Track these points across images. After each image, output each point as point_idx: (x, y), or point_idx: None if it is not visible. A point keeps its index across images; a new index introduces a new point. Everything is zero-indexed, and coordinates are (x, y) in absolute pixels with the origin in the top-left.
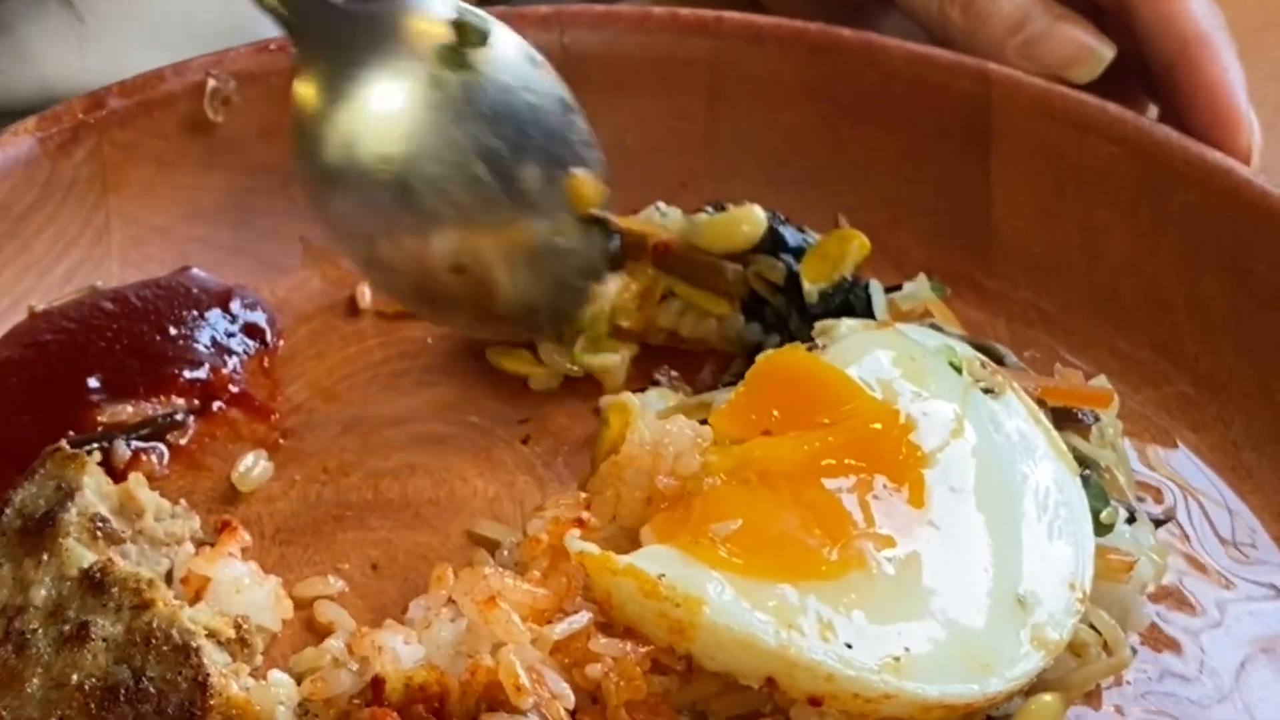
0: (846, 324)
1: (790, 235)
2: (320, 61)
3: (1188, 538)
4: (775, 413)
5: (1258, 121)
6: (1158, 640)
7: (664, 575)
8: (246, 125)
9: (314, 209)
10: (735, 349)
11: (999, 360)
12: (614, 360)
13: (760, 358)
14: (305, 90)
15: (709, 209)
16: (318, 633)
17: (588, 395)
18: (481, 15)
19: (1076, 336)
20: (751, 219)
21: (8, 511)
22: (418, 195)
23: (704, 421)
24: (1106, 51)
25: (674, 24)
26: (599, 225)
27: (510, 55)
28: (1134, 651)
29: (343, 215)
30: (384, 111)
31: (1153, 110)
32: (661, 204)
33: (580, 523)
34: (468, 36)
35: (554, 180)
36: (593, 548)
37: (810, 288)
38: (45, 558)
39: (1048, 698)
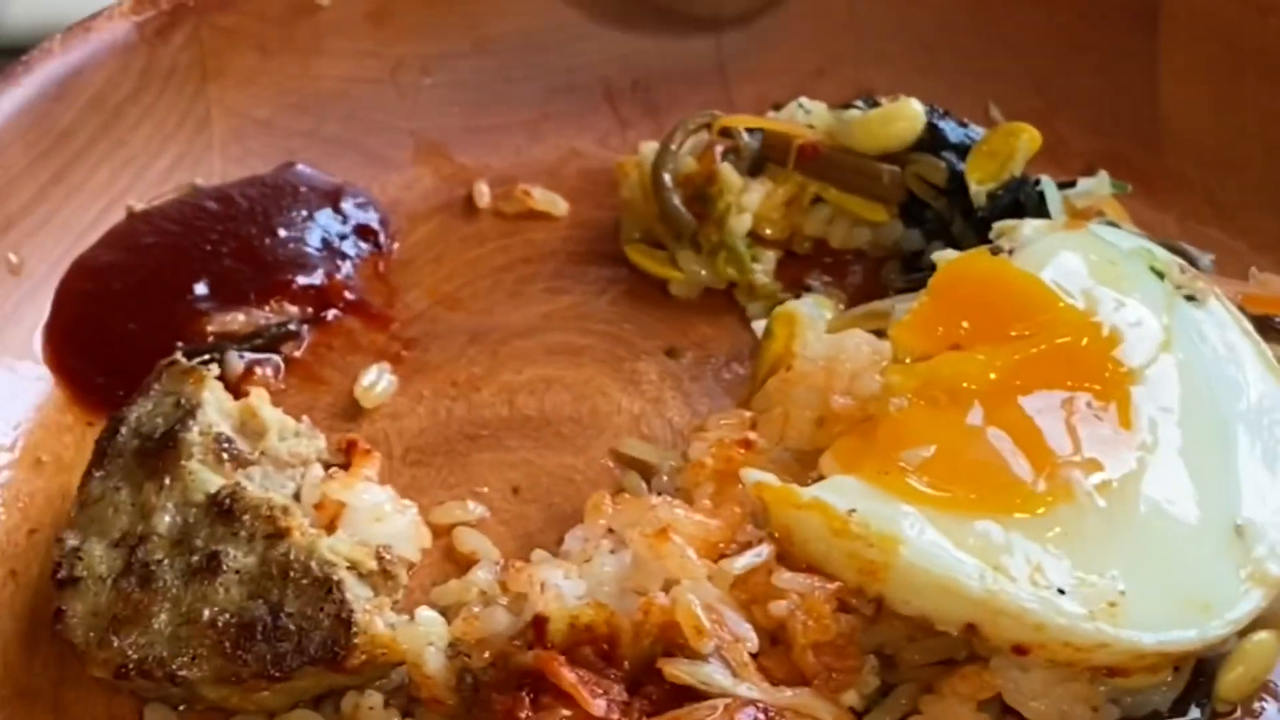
0: (1031, 225)
1: (951, 131)
2: None
3: None
4: (964, 324)
5: None
6: None
7: (854, 511)
8: (355, 8)
9: None
10: (889, 255)
11: (1193, 263)
12: (757, 270)
13: (944, 264)
14: None
15: (859, 104)
16: (458, 563)
17: (733, 303)
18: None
19: (1256, 235)
20: (909, 114)
21: (123, 430)
22: None
23: (879, 333)
24: None
25: None
26: None
27: None
28: None
29: None
30: None
31: None
32: (805, 100)
33: (747, 444)
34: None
35: None
36: (772, 478)
37: (977, 189)
38: (167, 481)
39: (1264, 635)
